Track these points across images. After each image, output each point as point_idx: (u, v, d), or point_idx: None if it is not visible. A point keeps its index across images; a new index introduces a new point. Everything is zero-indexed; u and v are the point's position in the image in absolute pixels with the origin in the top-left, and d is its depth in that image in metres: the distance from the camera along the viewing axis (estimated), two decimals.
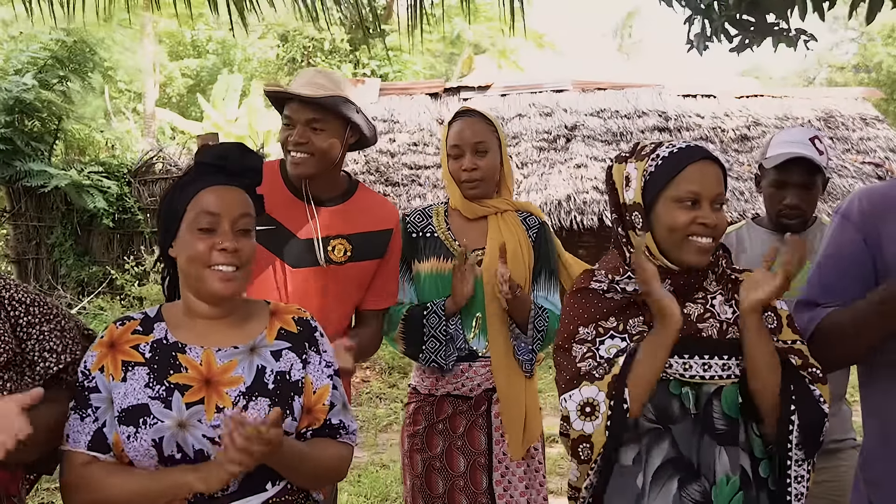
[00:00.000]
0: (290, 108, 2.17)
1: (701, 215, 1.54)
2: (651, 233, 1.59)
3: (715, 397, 1.55)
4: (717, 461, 1.53)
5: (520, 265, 2.32)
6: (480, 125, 2.35)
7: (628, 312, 1.61)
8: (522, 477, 2.27)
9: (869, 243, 1.55)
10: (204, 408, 1.46)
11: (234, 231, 1.50)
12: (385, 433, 5.89)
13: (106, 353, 1.50)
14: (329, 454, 1.57)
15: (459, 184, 2.36)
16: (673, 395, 1.55)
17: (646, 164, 1.60)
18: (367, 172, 9.52)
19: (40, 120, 10.53)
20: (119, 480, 1.44)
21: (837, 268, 1.60)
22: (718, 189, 1.56)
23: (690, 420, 1.54)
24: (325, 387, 1.58)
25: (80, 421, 1.48)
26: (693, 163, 1.56)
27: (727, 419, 1.55)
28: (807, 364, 1.57)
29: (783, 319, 1.61)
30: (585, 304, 1.64)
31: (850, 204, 1.61)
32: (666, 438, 1.54)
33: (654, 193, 1.58)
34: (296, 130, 2.14)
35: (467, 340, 2.31)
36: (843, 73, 25.02)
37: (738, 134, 10.09)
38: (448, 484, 2.28)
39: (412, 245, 2.39)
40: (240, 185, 1.55)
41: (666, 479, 1.53)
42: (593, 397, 1.52)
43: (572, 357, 1.59)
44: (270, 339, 1.57)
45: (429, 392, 2.34)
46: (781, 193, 2.28)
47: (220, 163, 1.55)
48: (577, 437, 1.53)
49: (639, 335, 1.58)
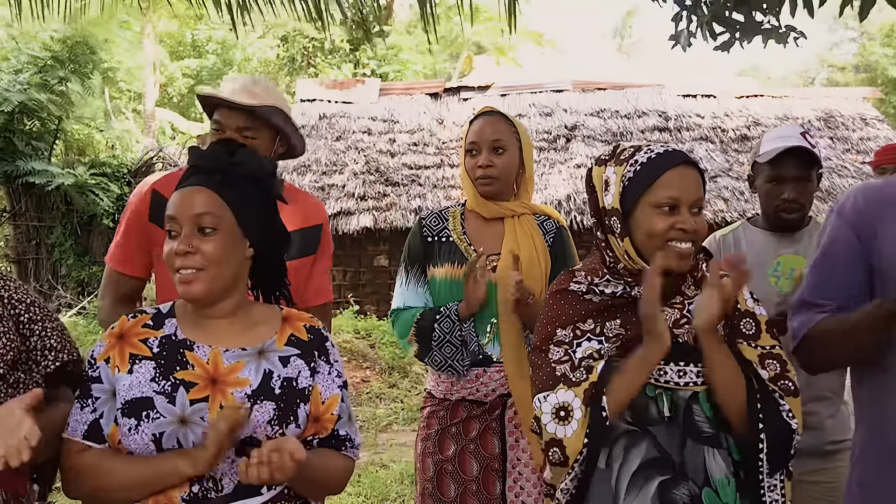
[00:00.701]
0: (221, 114, 2.14)
1: (679, 221, 1.54)
2: (630, 237, 1.59)
3: (693, 401, 1.55)
4: (711, 462, 1.52)
5: (535, 270, 2.28)
6: (501, 125, 2.33)
7: (606, 315, 1.61)
8: (536, 483, 2.22)
9: (863, 241, 1.54)
10: (207, 406, 1.46)
11: (194, 232, 1.50)
12: (385, 433, 5.89)
13: (114, 345, 1.51)
14: (335, 466, 1.58)
15: (474, 181, 2.33)
16: (649, 398, 1.55)
17: (624, 169, 1.60)
18: (367, 172, 9.52)
19: (40, 120, 10.54)
20: (113, 467, 1.45)
21: (830, 265, 1.59)
22: (697, 194, 1.56)
23: (668, 422, 1.54)
24: (334, 396, 1.58)
25: (80, 410, 1.50)
26: (671, 168, 1.56)
27: (711, 422, 1.55)
28: (781, 374, 1.56)
29: (762, 325, 1.60)
30: (564, 305, 1.64)
31: (845, 201, 1.60)
32: (644, 439, 1.54)
33: (632, 199, 1.58)
34: (231, 136, 2.12)
35: (482, 346, 2.27)
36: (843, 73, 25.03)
37: (738, 134, 10.10)
38: (460, 488, 2.24)
39: (427, 249, 2.35)
40: (210, 185, 1.53)
41: (644, 480, 1.52)
42: (569, 402, 1.52)
43: (548, 359, 1.59)
44: (280, 344, 1.57)
45: (443, 396, 2.31)
46: (779, 188, 2.26)
47: (196, 163, 1.56)
48: (549, 440, 1.53)
49: (615, 338, 1.58)
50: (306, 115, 10.46)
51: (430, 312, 2.29)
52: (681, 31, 3.11)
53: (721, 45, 3.06)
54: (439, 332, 2.24)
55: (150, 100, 15.85)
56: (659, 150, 1.59)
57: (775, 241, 2.32)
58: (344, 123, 10.40)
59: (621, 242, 1.60)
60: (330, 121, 10.44)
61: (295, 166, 9.54)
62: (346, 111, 10.62)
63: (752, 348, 1.59)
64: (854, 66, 24.84)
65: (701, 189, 1.58)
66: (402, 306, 2.38)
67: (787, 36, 2.98)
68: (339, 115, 10.53)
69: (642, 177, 1.57)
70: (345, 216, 8.99)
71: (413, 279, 2.38)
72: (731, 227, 2.45)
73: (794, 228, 2.31)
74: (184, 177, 1.56)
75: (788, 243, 2.30)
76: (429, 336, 2.25)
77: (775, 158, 2.24)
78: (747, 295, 1.65)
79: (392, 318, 2.41)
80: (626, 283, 1.61)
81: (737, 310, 1.62)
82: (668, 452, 1.53)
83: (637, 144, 1.64)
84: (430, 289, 2.36)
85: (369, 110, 10.64)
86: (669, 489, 1.50)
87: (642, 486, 1.52)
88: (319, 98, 10.82)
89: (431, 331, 2.25)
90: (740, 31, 2.98)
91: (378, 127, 10.37)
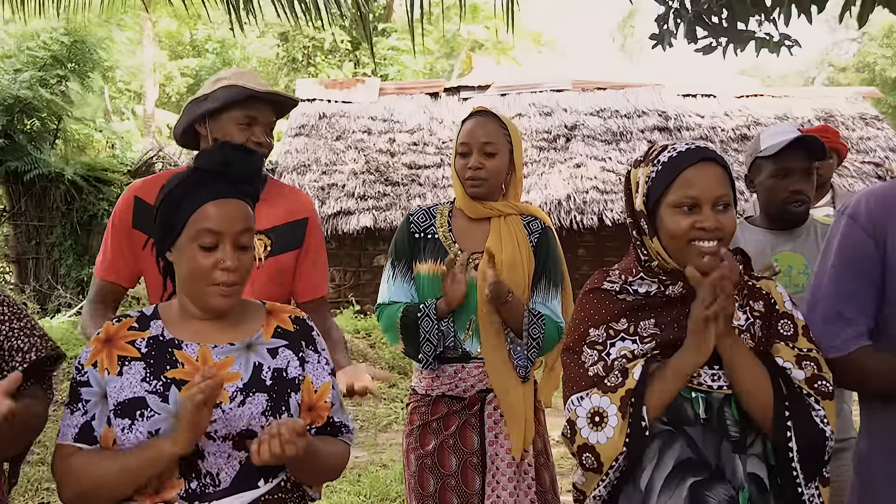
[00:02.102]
0: (256, 108, 2.11)
1: (700, 219, 1.51)
2: (658, 238, 1.57)
3: (726, 404, 1.53)
4: (737, 467, 1.50)
5: (518, 270, 2.31)
6: (493, 126, 2.35)
7: (640, 314, 1.58)
8: (512, 478, 2.26)
9: (878, 243, 1.54)
10: None
11: (236, 247, 1.50)
12: (385, 433, 5.90)
13: (101, 349, 1.51)
14: (334, 450, 1.59)
15: (462, 181, 2.36)
16: (684, 399, 1.53)
17: (649, 170, 1.58)
18: (367, 172, 9.52)
19: (40, 119, 10.53)
20: (99, 463, 1.45)
21: (854, 272, 1.57)
22: (719, 191, 1.53)
23: (703, 424, 1.52)
24: (326, 384, 1.60)
25: (70, 415, 1.50)
26: (690, 166, 1.53)
27: (739, 426, 1.52)
28: (817, 377, 1.52)
29: (799, 328, 1.58)
30: (597, 304, 1.61)
31: (857, 205, 1.59)
32: (678, 440, 1.52)
33: (655, 199, 1.56)
34: (258, 131, 2.11)
35: (461, 342, 2.31)
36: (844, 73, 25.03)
37: (738, 133, 10.10)
38: (439, 482, 2.28)
39: (414, 245, 2.39)
40: (242, 195, 1.53)
41: (678, 481, 1.50)
42: (604, 408, 1.50)
43: (582, 360, 1.57)
44: (267, 337, 1.58)
45: (425, 392, 2.35)
46: (785, 182, 2.27)
47: (222, 170, 1.52)
48: (581, 445, 1.51)
49: (650, 338, 1.56)
50: (306, 114, 10.46)
51: (413, 308, 2.32)
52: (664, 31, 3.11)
53: (703, 49, 3.06)
54: (423, 331, 2.28)
55: (150, 100, 15.84)
56: (681, 149, 1.56)
57: (772, 238, 2.33)
58: (344, 123, 10.40)
59: (651, 242, 1.58)
60: (330, 120, 10.44)
61: (295, 166, 9.54)
62: (345, 111, 10.62)
63: (790, 349, 1.55)
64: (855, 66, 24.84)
65: (725, 185, 1.54)
66: (388, 301, 2.41)
67: (781, 45, 2.97)
68: (338, 115, 10.52)
69: (663, 177, 1.55)
70: (345, 216, 9.00)
71: (399, 274, 2.41)
72: None
73: (795, 224, 2.31)
74: (205, 182, 1.51)
75: (785, 240, 2.31)
76: (415, 333, 2.29)
77: (780, 151, 2.24)
78: (786, 297, 1.62)
79: (377, 312, 2.45)
80: (661, 281, 1.59)
81: (775, 311, 1.59)
82: (703, 454, 1.50)
83: (667, 143, 1.62)
84: (415, 284, 2.39)
85: (369, 110, 10.64)
86: (702, 491, 1.48)
87: (675, 487, 1.50)
88: (319, 98, 10.81)
89: (417, 328, 2.28)
90: (730, 38, 2.98)
91: (378, 126, 10.37)
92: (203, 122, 2.13)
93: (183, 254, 1.50)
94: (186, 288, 1.53)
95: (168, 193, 1.53)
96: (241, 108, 2.09)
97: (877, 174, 9.42)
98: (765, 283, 1.64)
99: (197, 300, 1.52)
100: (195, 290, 1.51)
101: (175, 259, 1.53)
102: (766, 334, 1.58)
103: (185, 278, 1.52)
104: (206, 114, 2.10)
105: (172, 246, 1.53)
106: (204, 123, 2.13)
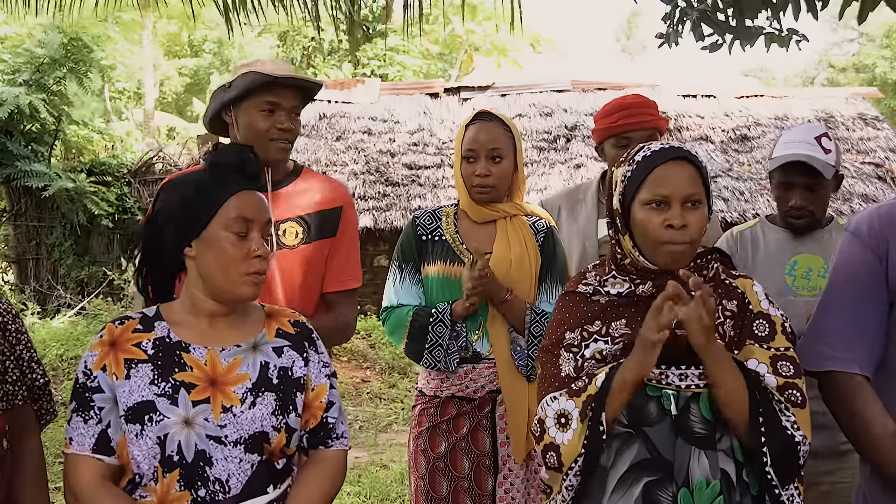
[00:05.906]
0: (280, 95, 2.11)
1: (669, 217, 1.53)
2: (631, 236, 1.59)
3: (693, 401, 1.54)
4: (694, 464, 1.50)
5: (525, 270, 2.31)
6: (498, 130, 2.34)
7: (612, 315, 1.61)
8: (524, 479, 2.27)
9: (881, 260, 1.54)
10: (210, 407, 1.47)
11: (263, 236, 1.53)
12: (385, 433, 5.89)
13: (107, 352, 1.50)
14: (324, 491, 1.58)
15: (469, 188, 2.35)
16: (650, 398, 1.54)
17: (625, 169, 1.61)
18: (367, 172, 9.51)
19: (39, 122, 10.51)
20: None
21: (855, 289, 1.57)
22: (689, 189, 1.54)
23: (668, 422, 1.52)
24: (322, 385, 1.61)
25: (84, 423, 1.47)
26: (661, 164, 1.55)
27: (706, 423, 1.53)
28: (789, 384, 1.52)
29: (777, 326, 1.58)
30: (573, 307, 1.65)
31: (860, 223, 1.59)
32: (636, 441, 1.53)
33: (629, 197, 1.59)
34: (282, 117, 2.11)
35: (471, 343, 2.31)
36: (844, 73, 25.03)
37: (738, 134, 10.09)
38: (452, 485, 2.27)
39: (421, 247, 2.38)
40: (258, 189, 1.58)
41: (631, 482, 1.52)
42: (569, 411, 1.55)
43: (558, 364, 1.61)
44: (270, 337, 1.59)
45: (433, 394, 2.34)
46: (787, 195, 2.28)
47: (240, 165, 1.55)
48: (548, 443, 1.55)
49: (621, 338, 1.58)
50: (306, 114, 10.45)
51: (424, 312, 2.31)
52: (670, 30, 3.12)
53: (710, 46, 3.07)
54: (433, 335, 2.27)
55: (150, 100, 15.84)
56: (655, 148, 1.59)
57: (793, 239, 2.32)
58: (344, 123, 10.39)
59: (624, 240, 1.60)
60: (330, 121, 10.43)
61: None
62: (345, 111, 10.61)
63: (765, 350, 1.55)
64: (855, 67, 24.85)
65: (695, 184, 1.55)
66: (396, 304, 2.40)
67: (790, 39, 2.99)
68: (338, 115, 10.51)
69: (636, 175, 1.58)
70: None
71: (407, 277, 2.40)
72: (748, 224, 2.46)
73: (809, 230, 2.31)
74: (228, 175, 1.54)
75: (806, 242, 2.31)
76: (423, 336, 2.28)
77: (783, 166, 2.24)
78: (761, 296, 1.62)
79: (384, 315, 2.43)
80: (632, 280, 1.61)
81: (749, 310, 1.59)
82: (662, 454, 1.51)
83: (646, 144, 1.64)
84: (423, 286, 2.38)
85: (369, 110, 10.63)
86: (654, 490, 1.50)
87: (629, 486, 1.52)
88: (319, 98, 10.79)
89: (426, 332, 2.27)
90: (738, 35, 2.99)
91: (378, 127, 10.36)
92: (228, 110, 2.15)
93: (211, 245, 1.49)
94: (215, 280, 1.51)
95: (195, 185, 1.53)
96: (262, 94, 2.09)
97: (877, 174, 9.42)
98: (741, 281, 1.64)
99: (226, 291, 1.51)
100: (227, 280, 1.50)
101: (198, 252, 1.51)
102: (737, 334, 1.58)
103: (213, 270, 1.50)
104: (230, 101, 2.13)
105: (194, 240, 1.51)
106: (229, 112, 2.15)
